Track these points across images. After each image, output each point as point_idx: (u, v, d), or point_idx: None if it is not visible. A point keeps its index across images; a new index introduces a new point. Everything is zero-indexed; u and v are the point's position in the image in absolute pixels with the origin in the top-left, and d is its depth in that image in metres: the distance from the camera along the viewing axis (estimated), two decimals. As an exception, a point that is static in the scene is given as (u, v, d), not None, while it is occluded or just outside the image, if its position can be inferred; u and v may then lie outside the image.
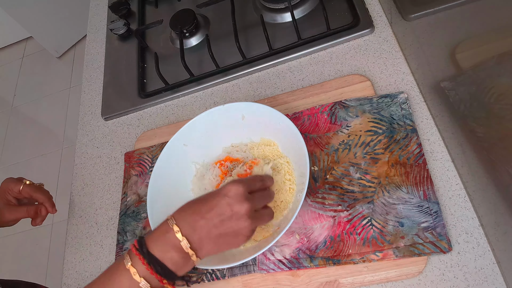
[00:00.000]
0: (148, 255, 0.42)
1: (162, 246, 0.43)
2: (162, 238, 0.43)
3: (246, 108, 0.62)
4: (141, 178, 0.71)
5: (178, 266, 0.43)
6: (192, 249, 0.43)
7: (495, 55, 0.44)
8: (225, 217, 0.44)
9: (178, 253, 0.43)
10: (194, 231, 0.43)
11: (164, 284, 0.43)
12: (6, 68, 2.51)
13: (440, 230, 0.51)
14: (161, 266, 0.42)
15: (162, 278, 0.42)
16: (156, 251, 0.43)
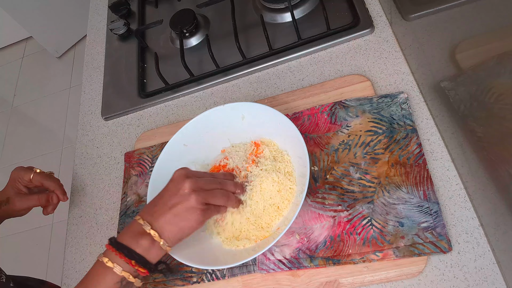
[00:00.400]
0: (116, 243, 0.48)
1: (128, 235, 0.48)
2: (128, 230, 0.49)
3: (246, 108, 0.62)
4: (141, 178, 0.71)
5: (146, 249, 0.47)
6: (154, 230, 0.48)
7: (495, 55, 0.44)
8: (172, 197, 0.50)
9: (142, 237, 0.48)
10: (152, 216, 0.49)
11: (135, 267, 0.47)
12: (6, 68, 2.52)
13: (440, 230, 0.51)
14: (128, 250, 0.47)
15: (129, 260, 0.46)
16: (124, 240, 0.48)
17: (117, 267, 0.46)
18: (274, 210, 0.57)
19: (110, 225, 0.70)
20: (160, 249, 0.48)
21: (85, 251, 0.69)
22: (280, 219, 0.56)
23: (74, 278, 0.67)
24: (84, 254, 0.69)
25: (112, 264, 0.46)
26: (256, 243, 0.55)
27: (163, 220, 0.49)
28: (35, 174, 0.65)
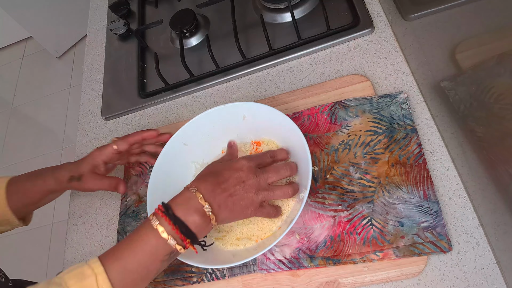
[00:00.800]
0: (174, 216, 0.46)
1: (186, 209, 0.47)
2: (185, 203, 0.48)
3: (247, 108, 0.62)
4: (141, 178, 0.71)
5: (199, 228, 0.47)
6: (213, 214, 0.48)
7: (495, 55, 0.45)
8: (237, 187, 0.50)
9: (200, 216, 0.47)
10: (214, 198, 0.48)
11: (187, 244, 0.46)
12: (6, 68, 2.52)
13: (440, 230, 0.51)
14: (185, 227, 0.46)
15: (185, 238, 0.46)
16: (181, 213, 0.46)
17: (171, 239, 0.45)
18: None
19: (110, 225, 0.70)
20: (210, 229, 0.49)
21: (85, 251, 0.69)
22: (282, 218, 0.56)
23: (74, 278, 0.67)
24: (84, 254, 0.69)
25: (167, 236, 0.45)
26: (257, 243, 0.55)
27: (224, 205, 0.49)
28: (116, 141, 0.64)
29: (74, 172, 0.62)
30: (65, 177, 0.62)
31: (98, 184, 0.62)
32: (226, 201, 0.49)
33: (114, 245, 0.66)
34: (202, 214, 0.47)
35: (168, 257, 0.46)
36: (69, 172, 0.62)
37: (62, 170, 0.63)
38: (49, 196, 0.64)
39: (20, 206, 0.63)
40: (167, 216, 0.46)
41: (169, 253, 0.46)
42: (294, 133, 0.56)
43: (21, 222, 0.65)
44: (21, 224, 0.66)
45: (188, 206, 0.47)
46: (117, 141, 0.64)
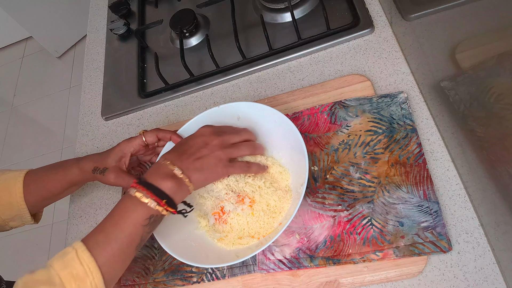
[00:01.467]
0: (147, 183, 0.50)
1: (158, 176, 0.51)
2: (156, 171, 0.52)
3: (241, 108, 0.62)
4: (141, 178, 0.70)
5: (174, 191, 0.50)
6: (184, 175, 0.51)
7: (495, 55, 0.45)
8: (203, 150, 0.54)
9: (172, 179, 0.50)
10: (181, 162, 0.52)
11: (164, 206, 0.49)
12: (6, 68, 2.51)
13: (440, 230, 0.51)
14: (158, 190, 0.49)
15: (160, 199, 0.49)
16: (153, 180, 0.50)
17: (151, 202, 0.48)
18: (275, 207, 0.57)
19: (110, 225, 0.70)
20: (186, 192, 0.52)
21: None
22: (281, 215, 0.57)
23: (74, 278, 0.67)
24: (84, 254, 0.69)
25: (147, 199, 0.48)
26: (259, 240, 0.55)
27: (193, 167, 0.52)
28: (145, 133, 0.64)
29: (100, 163, 0.62)
30: (90, 167, 0.62)
31: (119, 181, 0.62)
32: (194, 163, 0.52)
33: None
34: (173, 177, 0.50)
35: (149, 221, 0.49)
36: (94, 163, 0.62)
37: (88, 160, 0.63)
38: (69, 189, 0.65)
39: (36, 200, 0.63)
40: (140, 184, 0.49)
41: (148, 217, 0.48)
42: (288, 127, 0.57)
43: (32, 219, 0.65)
44: (32, 221, 0.66)
45: (159, 172, 0.51)
46: (146, 134, 0.64)
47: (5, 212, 0.62)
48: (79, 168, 0.62)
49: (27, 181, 0.63)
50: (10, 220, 0.63)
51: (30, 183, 0.63)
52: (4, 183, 0.62)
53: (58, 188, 0.63)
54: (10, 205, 0.62)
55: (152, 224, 0.49)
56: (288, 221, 0.51)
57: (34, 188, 0.63)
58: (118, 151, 0.63)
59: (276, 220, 0.56)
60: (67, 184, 0.63)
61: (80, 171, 0.62)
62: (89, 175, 0.63)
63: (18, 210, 0.62)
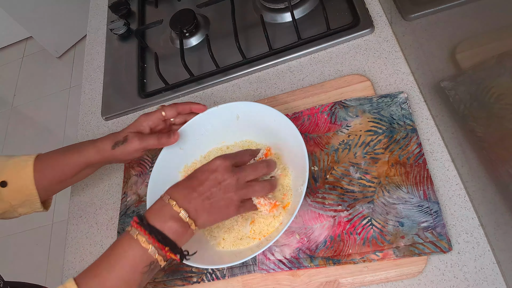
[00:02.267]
0: (149, 226, 0.45)
1: (161, 218, 0.46)
2: (160, 212, 0.47)
3: (239, 108, 0.62)
4: (141, 178, 0.71)
5: (178, 235, 0.46)
6: (191, 219, 0.47)
7: (495, 55, 0.44)
8: (214, 189, 0.49)
9: (177, 223, 0.46)
10: (189, 203, 0.48)
11: (166, 253, 0.45)
12: (6, 68, 2.51)
13: (440, 230, 0.51)
14: (162, 235, 0.45)
15: (163, 246, 0.45)
16: (156, 222, 0.46)
17: (151, 248, 0.44)
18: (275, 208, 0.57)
19: (110, 225, 0.70)
20: (191, 235, 0.48)
21: (85, 251, 0.69)
22: (282, 215, 0.57)
23: (74, 278, 0.67)
24: (84, 254, 0.69)
25: (148, 245, 0.44)
26: (260, 241, 0.55)
27: (201, 208, 0.48)
28: (165, 107, 0.62)
29: (117, 137, 0.60)
30: (108, 145, 0.59)
31: (145, 143, 0.59)
32: (203, 204, 0.48)
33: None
34: (178, 220, 0.46)
35: (148, 268, 0.45)
36: (112, 141, 0.60)
37: (104, 139, 0.61)
38: (83, 171, 0.63)
39: (48, 183, 0.61)
40: (142, 226, 0.45)
41: (149, 263, 0.45)
42: (287, 126, 0.57)
43: (41, 206, 0.63)
44: (41, 208, 0.64)
45: (162, 214, 0.47)
46: (165, 108, 0.62)
47: (15, 197, 0.60)
48: (96, 148, 0.60)
49: (39, 164, 0.60)
50: (19, 206, 0.61)
51: (43, 166, 0.61)
52: (14, 166, 0.60)
53: (73, 169, 0.61)
54: (20, 189, 0.60)
55: (152, 271, 0.46)
56: (289, 220, 0.51)
57: (47, 171, 0.61)
58: (136, 124, 0.61)
59: (277, 220, 0.56)
60: (82, 165, 0.61)
61: (97, 151, 0.60)
62: (107, 154, 0.60)
63: (28, 195, 0.60)
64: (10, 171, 0.60)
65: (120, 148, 0.59)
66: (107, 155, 0.60)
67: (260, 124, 0.62)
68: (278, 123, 0.59)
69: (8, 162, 0.61)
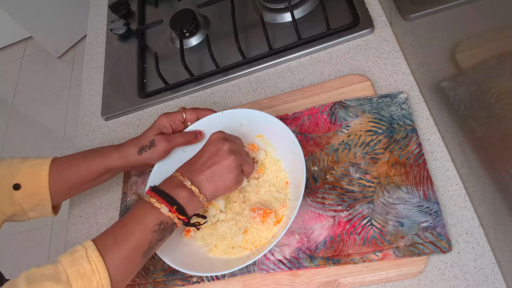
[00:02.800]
0: (159, 190, 0.50)
1: (169, 185, 0.51)
2: (169, 182, 0.52)
3: (244, 115, 0.62)
4: (141, 178, 0.70)
5: (185, 200, 0.50)
6: (194, 186, 0.51)
7: (495, 55, 0.44)
8: (213, 157, 0.52)
9: (182, 189, 0.50)
10: (191, 173, 0.52)
11: (175, 213, 0.49)
12: (6, 68, 2.51)
13: (440, 230, 0.51)
14: (169, 197, 0.50)
15: (171, 206, 0.49)
16: (165, 189, 0.51)
17: (164, 208, 0.48)
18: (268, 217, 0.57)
19: (110, 225, 0.69)
20: (198, 203, 0.51)
21: (85, 251, 0.69)
22: (277, 227, 0.56)
23: (74, 278, 0.67)
24: (84, 254, 0.69)
25: (160, 205, 0.49)
26: (251, 251, 0.55)
27: (202, 177, 0.51)
28: (186, 110, 0.62)
29: (143, 142, 0.60)
30: (133, 150, 0.60)
31: (172, 142, 0.60)
32: (203, 173, 0.51)
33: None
34: (184, 187, 0.50)
35: (158, 227, 0.49)
36: (136, 146, 0.60)
37: (127, 145, 0.60)
38: (102, 176, 0.63)
39: (63, 187, 0.61)
40: (153, 191, 0.50)
41: (158, 222, 0.49)
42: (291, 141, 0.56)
43: (52, 211, 0.63)
44: (52, 213, 0.64)
45: (170, 183, 0.52)
46: (186, 111, 0.63)
47: (27, 201, 0.60)
48: (120, 153, 0.60)
49: (55, 168, 0.61)
50: (30, 210, 0.61)
51: (61, 169, 0.61)
52: (29, 169, 0.60)
53: (93, 173, 0.61)
54: (33, 193, 0.59)
55: (161, 232, 0.49)
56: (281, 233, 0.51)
57: (65, 174, 0.61)
58: (158, 126, 0.61)
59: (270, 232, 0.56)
60: (103, 170, 0.61)
61: (120, 156, 0.60)
62: (133, 159, 0.60)
63: (40, 199, 0.60)
64: (24, 174, 0.60)
65: (148, 153, 0.60)
66: (132, 160, 0.60)
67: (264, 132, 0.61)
68: (281, 136, 0.58)
69: (23, 165, 0.60)
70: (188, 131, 0.63)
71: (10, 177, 0.59)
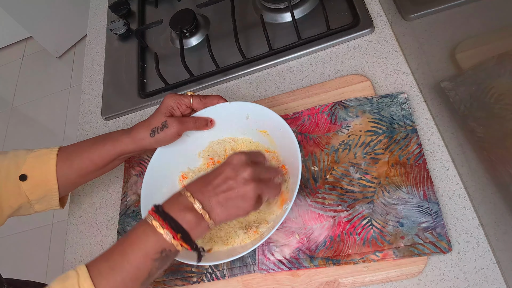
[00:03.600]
0: (164, 213, 0.45)
1: (176, 207, 0.46)
2: (175, 202, 0.47)
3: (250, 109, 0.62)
4: (141, 178, 0.70)
5: (191, 225, 0.45)
6: (204, 210, 0.46)
7: (495, 55, 0.44)
8: (230, 181, 0.47)
9: (190, 213, 0.45)
10: (203, 194, 0.47)
11: (179, 241, 0.44)
12: (6, 68, 2.51)
13: (440, 230, 0.51)
14: (175, 222, 0.45)
15: (176, 233, 0.44)
16: (171, 211, 0.46)
17: (167, 234, 0.44)
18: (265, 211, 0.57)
19: (110, 225, 0.70)
20: (205, 229, 0.47)
21: (85, 251, 0.69)
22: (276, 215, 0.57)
23: (74, 278, 0.67)
24: (84, 254, 0.69)
25: (163, 230, 0.44)
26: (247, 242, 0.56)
27: (215, 201, 0.47)
28: (194, 97, 0.61)
29: (154, 124, 0.59)
30: (145, 133, 0.59)
31: (184, 125, 0.59)
32: (217, 197, 0.47)
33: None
34: (192, 211, 0.46)
35: (160, 255, 0.44)
36: (147, 128, 0.59)
37: (138, 128, 0.60)
38: (114, 161, 0.62)
39: (72, 174, 0.60)
40: (157, 213, 0.45)
41: (160, 250, 0.44)
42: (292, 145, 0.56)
43: (59, 203, 0.62)
44: (58, 206, 0.63)
45: (177, 203, 0.47)
46: (194, 98, 0.61)
47: (34, 191, 0.58)
48: (131, 137, 0.59)
49: (63, 155, 0.60)
50: (36, 202, 0.60)
51: (69, 155, 0.60)
52: (35, 160, 0.59)
53: (105, 159, 0.60)
54: (40, 183, 0.58)
55: (163, 260, 0.45)
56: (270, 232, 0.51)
57: (74, 161, 0.60)
58: (167, 108, 0.60)
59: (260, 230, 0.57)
60: (115, 155, 0.60)
61: (132, 140, 0.59)
62: (145, 142, 0.59)
63: (47, 189, 0.59)
64: (30, 164, 0.58)
65: (161, 134, 0.58)
66: (145, 143, 0.59)
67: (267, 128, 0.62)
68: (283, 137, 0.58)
69: (28, 156, 0.59)
70: (200, 116, 0.62)
71: (16, 169, 0.58)
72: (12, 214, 0.60)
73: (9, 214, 0.59)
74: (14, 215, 0.61)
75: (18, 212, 0.61)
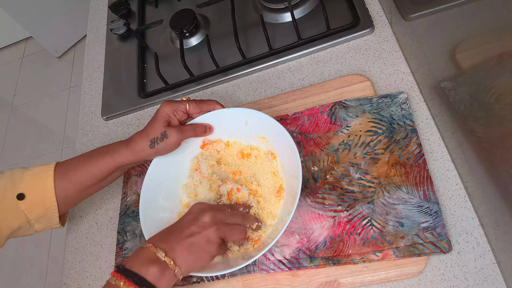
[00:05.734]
0: (125, 270, 0.45)
1: (138, 261, 0.47)
2: (137, 256, 0.47)
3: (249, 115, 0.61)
4: (141, 178, 0.70)
5: (156, 276, 0.46)
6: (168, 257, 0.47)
7: (495, 55, 0.44)
8: (192, 227, 0.49)
9: (154, 264, 0.46)
10: (166, 243, 0.48)
11: None
12: (6, 68, 2.51)
13: (440, 230, 0.51)
14: (138, 277, 0.45)
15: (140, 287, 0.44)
16: (133, 267, 0.46)
17: None
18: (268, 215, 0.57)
19: (110, 225, 0.70)
20: (173, 277, 0.47)
21: (85, 251, 0.69)
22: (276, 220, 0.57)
23: (74, 278, 0.67)
24: (84, 254, 0.69)
25: None
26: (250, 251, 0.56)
27: (179, 248, 0.47)
28: (190, 102, 0.60)
29: (153, 134, 0.58)
30: (144, 144, 0.58)
31: (184, 133, 0.59)
32: (180, 243, 0.48)
33: (112, 246, 0.67)
34: (155, 261, 0.46)
35: None
36: (146, 139, 0.58)
37: (137, 140, 0.59)
38: (113, 174, 0.61)
39: (71, 190, 0.59)
40: (118, 272, 0.45)
41: None
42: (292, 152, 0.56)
43: (59, 221, 0.61)
44: (58, 224, 0.62)
45: (139, 258, 0.47)
46: (190, 103, 0.60)
47: (33, 211, 0.57)
48: (130, 149, 0.58)
49: (61, 171, 0.58)
50: (36, 221, 0.59)
51: (67, 171, 0.58)
52: (32, 178, 0.58)
53: (104, 172, 0.59)
54: (38, 201, 0.57)
55: None
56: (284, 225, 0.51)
57: (73, 176, 0.58)
58: (164, 117, 0.59)
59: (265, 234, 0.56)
60: (114, 168, 0.59)
61: (132, 152, 0.58)
62: (145, 154, 0.58)
63: (47, 208, 0.58)
64: (27, 182, 0.57)
65: (161, 145, 0.58)
66: (144, 155, 0.59)
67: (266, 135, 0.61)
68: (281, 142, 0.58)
69: (25, 174, 0.58)
70: (199, 123, 0.62)
71: (13, 188, 0.57)
72: (12, 235, 0.59)
73: (8, 234, 0.58)
74: (13, 236, 0.59)
75: (18, 232, 0.59)
